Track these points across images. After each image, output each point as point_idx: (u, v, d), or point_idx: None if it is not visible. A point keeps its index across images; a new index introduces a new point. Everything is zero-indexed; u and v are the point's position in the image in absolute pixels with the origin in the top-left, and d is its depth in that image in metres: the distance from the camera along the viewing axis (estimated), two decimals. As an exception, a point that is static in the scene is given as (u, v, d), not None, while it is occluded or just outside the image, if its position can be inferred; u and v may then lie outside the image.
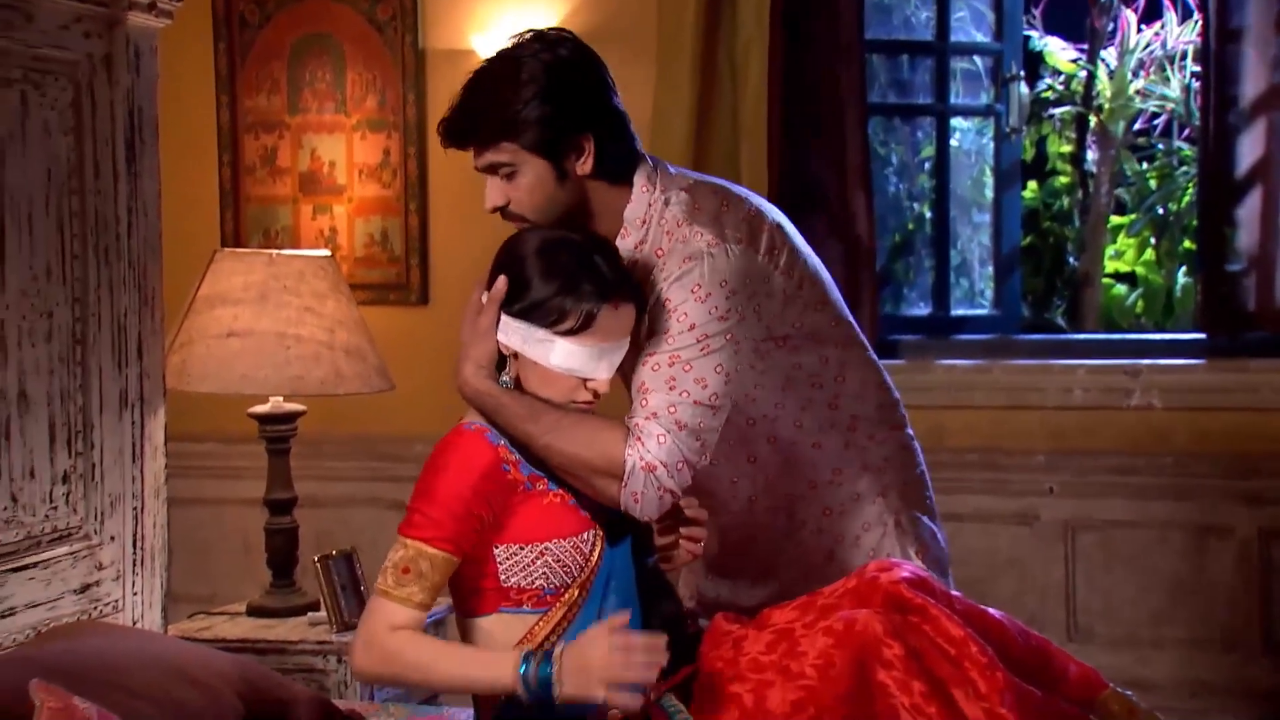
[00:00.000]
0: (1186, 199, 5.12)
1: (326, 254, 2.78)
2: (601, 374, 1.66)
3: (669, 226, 1.73)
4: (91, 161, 2.17)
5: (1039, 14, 5.23)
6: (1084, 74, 5.28)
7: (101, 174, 2.19)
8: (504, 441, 1.65)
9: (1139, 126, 5.28)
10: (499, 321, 1.66)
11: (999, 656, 1.59)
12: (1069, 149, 5.47)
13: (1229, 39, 3.16)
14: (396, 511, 1.68)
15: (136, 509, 2.25)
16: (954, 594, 1.69)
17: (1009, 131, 3.56)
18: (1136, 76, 5.13)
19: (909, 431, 1.91)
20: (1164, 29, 5.09)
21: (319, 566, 2.55)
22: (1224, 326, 3.18)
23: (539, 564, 1.63)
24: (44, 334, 2.08)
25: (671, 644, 1.70)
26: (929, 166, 4.04)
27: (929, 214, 3.97)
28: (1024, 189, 4.85)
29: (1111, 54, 5.19)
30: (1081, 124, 5.42)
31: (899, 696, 1.54)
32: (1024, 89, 3.67)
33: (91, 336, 2.17)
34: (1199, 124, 3.67)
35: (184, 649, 2.04)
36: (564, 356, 1.63)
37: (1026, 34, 4.64)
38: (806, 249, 1.83)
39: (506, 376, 1.67)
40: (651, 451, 1.64)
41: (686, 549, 1.72)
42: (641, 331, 1.71)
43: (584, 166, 1.71)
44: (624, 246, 1.73)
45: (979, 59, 3.91)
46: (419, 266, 3.40)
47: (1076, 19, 5.29)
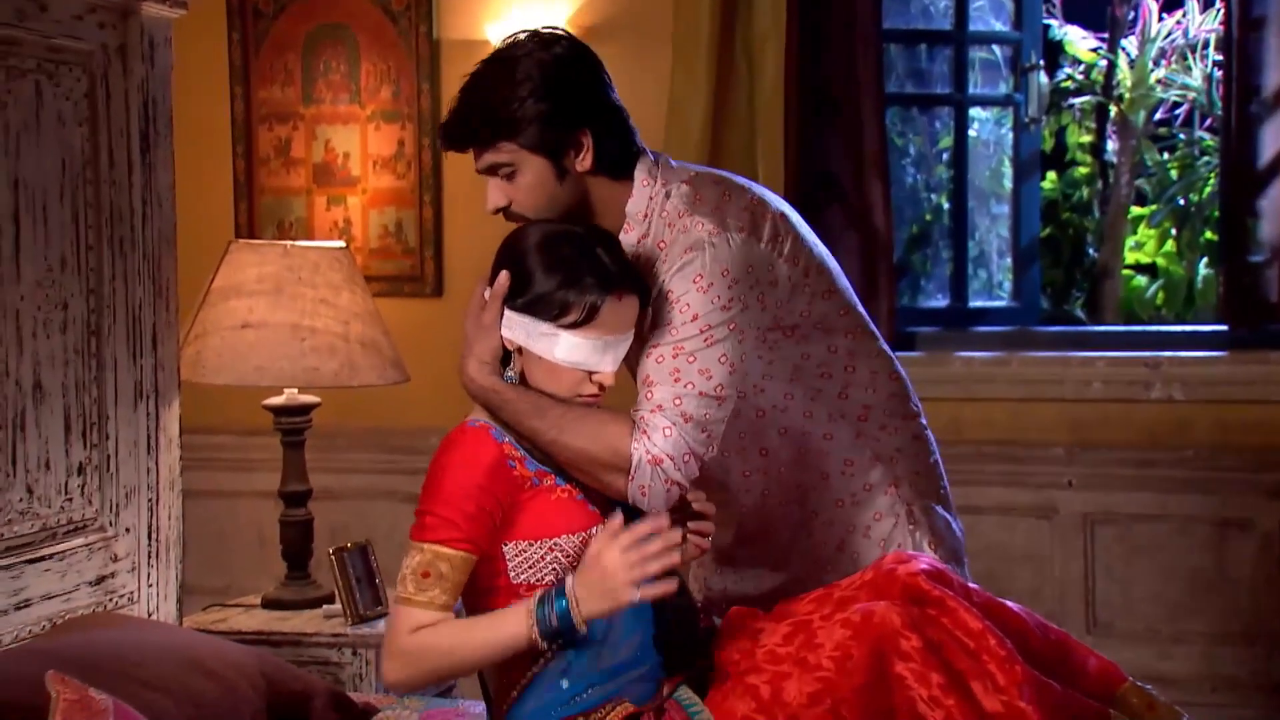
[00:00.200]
0: (1208, 189, 5.08)
1: (342, 245, 2.78)
2: (607, 366, 1.65)
3: (670, 218, 1.72)
4: (106, 152, 2.17)
5: (1059, 3, 5.19)
6: (1104, 63, 5.24)
7: (116, 165, 2.18)
8: (509, 438, 1.64)
9: (1160, 116, 5.23)
10: (502, 317, 1.66)
11: (1018, 649, 1.58)
12: (1089, 139, 5.43)
13: (1251, 27, 3.13)
14: (411, 504, 1.67)
15: (151, 501, 2.25)
16: (972, 586, 1.67)
17: (1028, 121, 3.54)
18: (1157, 66, 5.09)
19: (922, 421, 1.91)
20: (1185, 17, 5.05)
21: (334, 559, 2.55)
22: (1246, 318, 3.16)
23: (548, 560, 1.63)
24: (59, 325, 2.09)
25: (684, 639, 1.70)
26: (947, 157, 4.02)
27: (947, 205, 3.95)
28: (1043, 180, 4.82)
29: (1132, 43, 5.15)
30: (1101, 114, 5.38)
31: (916, 688, 1.53)
32: (1043, 78, 3.63)
33: (106, 328, 2.17)
34: (1221, 113, 3.65)
35: (199, 641, 2.04)
36: (568, 350, 1.63)
37: (1046, 23, 4.60)
38: (812, 238, 1.83)
39: (511, 372, 1.67)
40: (658, 445, 1.64)
41: (693, 543, 1.72)
42: (645, 324, 1.71)
43: (584, 163, 1.71)
44: (627, 241, 1.73)
45: (998, 48, 3.89)
46: (433, 258, 3.39)
47: (1097, 8, 5.25)
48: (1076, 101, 5.28)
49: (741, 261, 1.70)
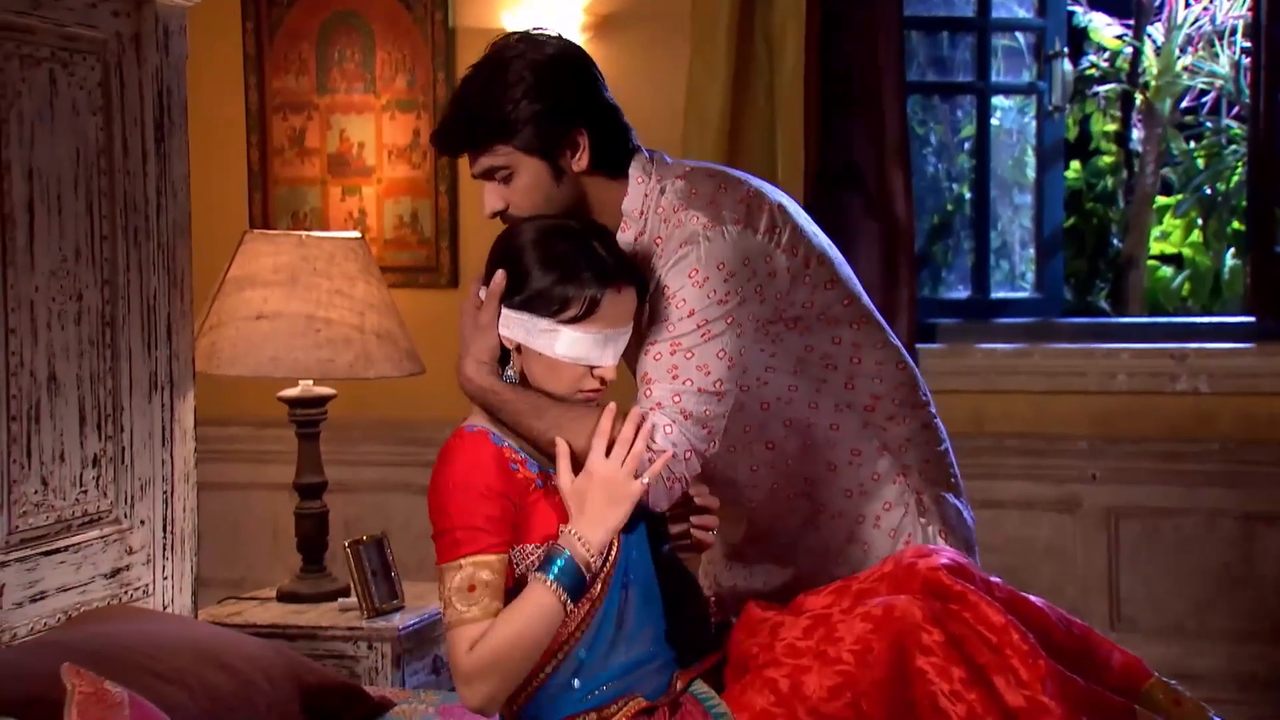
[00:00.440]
0: (1235, 179, 5.01)
1: (357, 236, 2.76)
2: (608, 360, 1.64)
3: (665, 214, 1.72)
4: (120, 142, 2.16)
5: (1083, -11, 5.12)
6: (1129, 50, 5.17)
7: (130, 154, 2.18)
8: (508, 441, 1.64)
9: (1186, 104, 5.16)
10: (499, 316, 1.64)
11: (1040, 644, 1.56)
12: (1113, 128, 5.36)
13: (1281, 13, 3.08)
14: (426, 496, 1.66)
15: (166, 493, 2.24)
16: (994, 580, 1.66)
17: (1052, 110, 3.50)
18: (1184, 52, 5.01)
19: (931, 410, 1.89)
20: (1213, 3, 4.97)
21: (349, 552, 2.54)
22: (1273, 309, 3.14)
23: None
24: (73, 316, 2.08)
25: (696, 632, 1.70)
26: (969, 146, 3.97)
27: (969, 195, 3.91)
28: (1067, 169, 4.76)
29: (1158, 29, 5.07)
30: (1127, 102, 5.31)
31: (938, 683, 1.52)
32: (1067, 66, 3.59)
33: (121, 319, 2.16)
34: (1249, 101, 3.59)
35: (215, 634, 2.04)
36: (569, 345, 1.61)
37: (1070, 9, 4.54)
38: (813, 228, 1.81)
39: (511, 371, 1.66)
40: (658, 442, 1.64)
41: (697, 537, 1.72)
42: (643, 318, 1.70)
43: (579, 163, 1.70)
44: (624, 240, 1.72)
45: (1021, 35, 3.85)
46: (449, 249, 3.38)
47: (1122, -7, 5.18)
48: (1101, 89, 5.21)
49: (737, 254, 1.68)
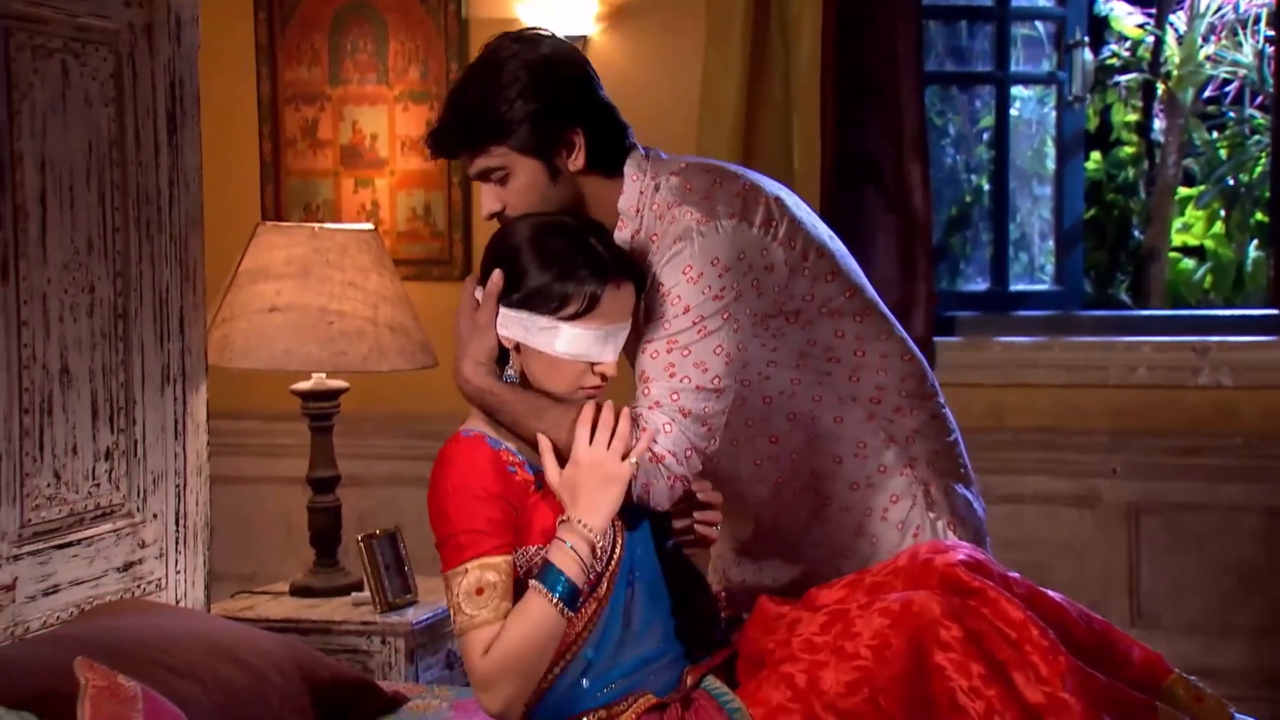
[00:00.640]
0: (1258, 169, 4.95)
1: (370, 228, 2.75)
2: (608, 356, 1.63)
3: (660, 211, 1.71)
4: (133, 133, 2.15)
5: (1104, -22, 5.07)
6: (1151, 39, 5.12)
7: (143, 146, 2.17)
8: (505, 445, 1.63)
9: (1209, 94, 5.10)
10: (497, 315, 1.63)
11: (1060, 640, 1.55)
12: (1135, 118, 5.31)
13: (1308, -1, 3.03)
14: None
15: (179, 486, 2.24)
16: (1012, 575, 1.64)
17: (1072, 100, 3.46)
18: (1206, 41, 4.96)
19: (940, 400, 1.88)
20: (1236, -8, 4.91)
21: (363, 546, 2.53)
22: (1298, 302, 3.10)
23: None
24: (86, 308, 2.08)
25: (704, 627, 1.69)
26: (988, 137, 3.94)
27: (987, 186, 3.87)
28: (1087, 160, 4.72)
29: (1180, 18, 5.02)
30: (1148, 92, 5.26)
31: (956, 679, 1.51)
32: (1088, 55, 3.56)
33: (133, 311, 2.16)
34: (1272, 91, 3.53)
35: (228, 628, 2.03)
36: (569, 342, 1.60)
37: (1091, -2, 4.49)
38: (812, 220, 1.80)
39: (511, 370, 1.65)
40: (658, 442, 1.63)
41: (701, 532, 1.71)
42: (640, 314, 1.69)
43: (575, 162, 1.69)
44: (620, 238, 1.71)
45: (1041, 24, 3.80)
46: (462, 241, 3.37)
47: (1144, -18, 5.12)
48: (1122, 79, 5.16)
49: (732, 248, 1.67)
